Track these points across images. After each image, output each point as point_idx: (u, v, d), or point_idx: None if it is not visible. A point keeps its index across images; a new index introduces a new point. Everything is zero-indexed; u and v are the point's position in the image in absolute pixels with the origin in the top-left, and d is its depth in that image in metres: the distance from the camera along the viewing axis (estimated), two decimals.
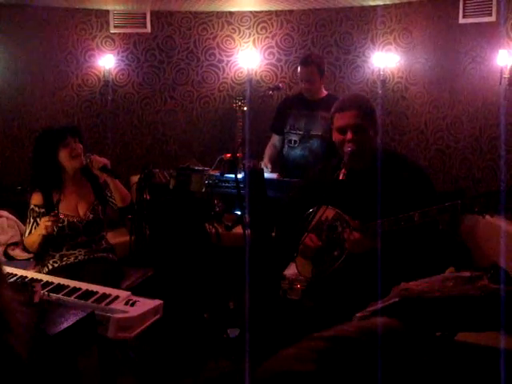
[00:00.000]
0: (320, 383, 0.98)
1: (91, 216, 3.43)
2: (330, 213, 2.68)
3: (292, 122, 4.53)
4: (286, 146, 4.58)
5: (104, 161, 3.42)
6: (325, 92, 4.55)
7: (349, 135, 2.62)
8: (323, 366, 0.99)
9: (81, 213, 3.42)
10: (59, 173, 3.40)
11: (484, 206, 2.21)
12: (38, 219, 3.35)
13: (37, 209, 3.36)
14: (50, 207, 3.32)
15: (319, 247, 2.70)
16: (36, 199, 3.38)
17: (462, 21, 4.60)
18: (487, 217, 2.22)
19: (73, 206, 3.41)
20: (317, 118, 4.43)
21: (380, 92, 5.23)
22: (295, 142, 4.51)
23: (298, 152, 4.50)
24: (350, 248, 2.58)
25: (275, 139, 4.72)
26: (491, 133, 4.39)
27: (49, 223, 3.19)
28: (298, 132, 4.50)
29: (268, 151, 4.68)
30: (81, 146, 3.40)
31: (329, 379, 0.99)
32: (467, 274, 1.85)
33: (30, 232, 3.37)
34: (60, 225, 3.29)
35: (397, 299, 1.78)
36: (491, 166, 4.40)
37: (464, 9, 4.56)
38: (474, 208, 2.23)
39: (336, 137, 2.70)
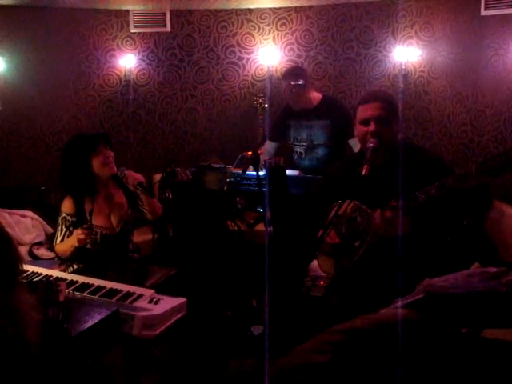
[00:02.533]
0: (334, 373, 0.99)
1: (124, 227, 3.39)
2: (347, 206, 2.68)
3: (294, 134, 4.52)
4: (295, 157, 4.59)
5: (140, 177, 3.39)
6: (318, 98, 4.44)
7: (372, 126, 2.60)
8: (338, 357, 1.01)
9: (114, 223, 3.36)
10: (92, 181, 3.31)
11: (499, 169, 2.17)
12: (70, 228, 3.27)
13: (69, 218, 3.28)
14: (81, 216, 3.27)
15: (337, 244, 2.70)
16: (68, 207, 3.30)
17: (483, 13, 4.55)
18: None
19: (105, 217, 3.35)
20: (317, 128, 4.41)
21: (402, 86, 5.18)
22: (301, 153, 4.51)
23: (306, 162, 4.52)
24: (382, 230, 2.53)
25: (269, 146, 4.69)
26: None
27: (82, 236, 3.11)
28: (302, 144, 4.50)
29: (267, 148, 4.64)
30: (112, 154, 3.34)
31: (343, 369, 1.00)
32: (493, 269, 1.83)
33: (62, 240, 3.30)
34: (93, 237, 3.24)
35: (422, 295, 1.77)
36: None
37: (486, 0, 4.50)
38: (490, 172, 2.20)
39: (359, 129, 2.69)
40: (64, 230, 3.30)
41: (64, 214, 3.30)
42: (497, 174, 2.21)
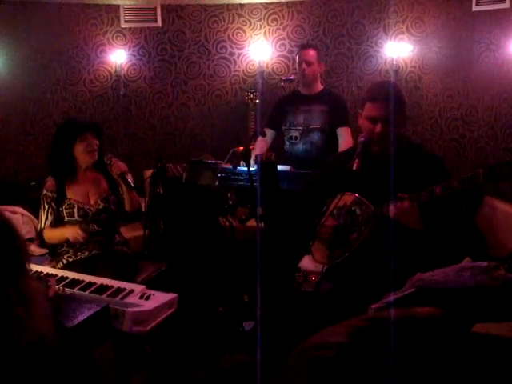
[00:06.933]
0: (350, 355, 0.99)
1: (102, 205, 3.44)
2: (348, 198, 2.69)
3: (291, 119, 4.54)
4: (288, 143, 4.60)
5: (123, 168, 3.45)
6: (321, 86, 4.57)
7: (378, 127, 2.61)
8: (356, 339, 1.01)
9: (91, 200, 3.44)
10: (72, 163, 3.42)
11: (506, 176, 2.19)
12: (52, 204, 3.37)
13: (49, 193, 3.39)
14: (62, 192, 3.38)
15: (335, 226, 2.70)
16: (49, 185, 3.41)
17: (475, 8, 4.55)
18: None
19: (83, 193, 3.44)
20: (315, 112, 4.46)
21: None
22: (296, 137, 4.53)
23: (300, 147, 4.53)
24: (399, 217, 2.52)
25: (267, 133, 4.69)
26: (506, 121, 4.34)
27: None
28: (298, 128, 4.51)
29: (260, 144, 4.64)
30: (97, 143, 3.42)
31: (360, 352, 1.00)
32: (484, 264, 1.83)
33: (47, 218, 3.39)
34: (69, 210, 3.35)
35: (413, 290, 1.77)
36: (507, 155, 4.35)
37: None
38: (495, 177, 2.21)
39: (365, 125, 2.69)
40: (46, 207, 3.40)
41: (45, 191, 3.41)
42: (503, 180, 2.23)
